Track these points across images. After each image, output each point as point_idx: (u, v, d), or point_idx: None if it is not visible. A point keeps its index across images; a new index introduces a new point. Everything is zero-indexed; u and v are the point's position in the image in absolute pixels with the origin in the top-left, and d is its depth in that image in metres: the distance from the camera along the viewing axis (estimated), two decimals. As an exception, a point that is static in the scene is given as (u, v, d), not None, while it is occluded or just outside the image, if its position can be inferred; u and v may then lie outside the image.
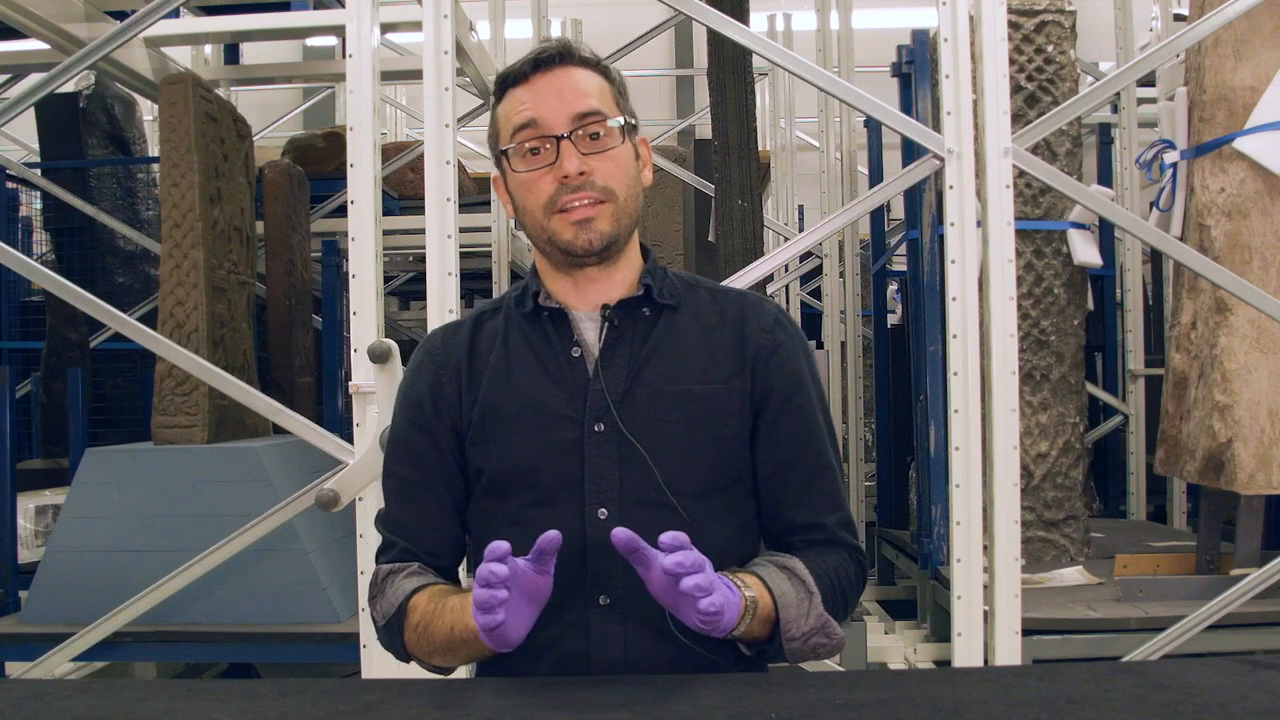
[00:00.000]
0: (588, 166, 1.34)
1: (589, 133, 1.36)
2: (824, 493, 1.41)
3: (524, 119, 1.36)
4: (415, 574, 1.39)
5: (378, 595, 1.40)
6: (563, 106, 1.35)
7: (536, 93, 1.37)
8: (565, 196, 1.35)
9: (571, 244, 1.36)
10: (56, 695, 1.25)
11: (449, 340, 1.46)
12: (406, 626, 1.35)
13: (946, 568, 2.73)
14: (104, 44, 2.80)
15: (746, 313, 1.43)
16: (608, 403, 1.34)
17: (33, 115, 4.80)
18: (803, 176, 7.61)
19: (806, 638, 1.30)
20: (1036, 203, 3.85)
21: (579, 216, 1.35)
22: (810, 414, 1.42)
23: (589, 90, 1.37)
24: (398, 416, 1.47)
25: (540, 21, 5.07)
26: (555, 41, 1.39)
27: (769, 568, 1.32)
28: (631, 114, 1.42)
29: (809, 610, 1.29)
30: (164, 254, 3.51)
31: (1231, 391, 3.10)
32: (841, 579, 1.37)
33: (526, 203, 1.38)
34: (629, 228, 1.40)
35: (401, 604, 1.36)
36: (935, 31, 2.74)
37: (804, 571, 1.32)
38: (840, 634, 1.33)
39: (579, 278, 1.41)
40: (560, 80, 1.37)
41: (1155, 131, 3.73)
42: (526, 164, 1.37)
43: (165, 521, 3.19)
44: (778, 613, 1.28)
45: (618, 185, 1.37)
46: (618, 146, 1.37)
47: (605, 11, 8.67)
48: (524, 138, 1.36)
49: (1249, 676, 1.23)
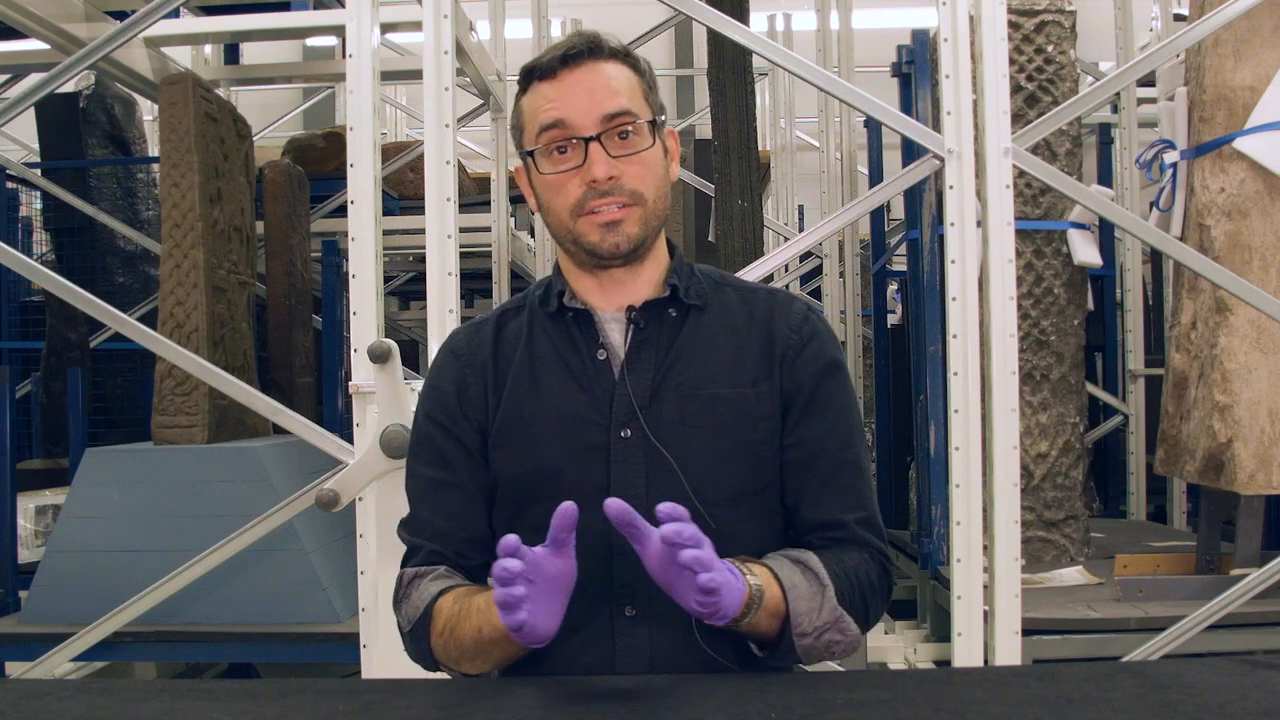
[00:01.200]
0: (617, 170, 1.31)
1: (618, 133, 1.32)
2: (847, 490, 1.36)
3: (551, 118, 1.32)
4: (442, 577, 1.35)
5: (402, 600, 1.36)
6: (592, 106, 1.31)
7: (564, 90, 1.32)
8: (593, 200, 1.31)
9: (598, 246, 1.33)
10: (56, 695, 1.25)
11: (472, 339, 1.42)
12: (432, 632, 1.31)
13: (946, 568, 2.73)
14: (104, 44, 2.80)
15: (774, 311, 1.40)
16: (634, 408, 1.32)
17: (33, 115, 4.80)
18: (803, 176, 7.61)
19: (819, 633, 1.26)
20: (1036, 203, 3.85)
21: (607, 219, 1.32)
22: (836, 411, 1.38)
23: (619, 88, 1.33)
24: (420, 416, 1.43)
25: (540, 21, 5.07)
26: (584, 35, 1.35)
27: (780, 560, 1.29)
28: (660, 107, 1.38)
29: (821, 604, 1.25)
30: (164, 254, 3.50)
31: (1231, 391, 3.10)
32: (861, 579, 1.32)
33: (553, 203, 1.35)
34: (657, 229, 1.37)
35: (427, 608, 1.31)
36: (935, 31, 2.74)
37: (817, 564, 1.28)
38: (856, 631, 1.29)
39: (604, 279, 1.38)
40: (589, 77, 1.33)
41: (1155, 131, 3.72)
42: (553, 164, 1.33)
43: (165, 521, 3.18)
44: (788, 605, 1.24)
45: (646, 188, 1.34)
46: (647, 148, 1.34)
47: (605, 11, 8.65)
48: (551, 138, 1.32)
49: (1249, 676, 1.23)
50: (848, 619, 1.28)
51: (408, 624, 1.34)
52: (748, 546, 1.32)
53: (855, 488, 1.37)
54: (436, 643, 1.31)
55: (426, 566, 1.37)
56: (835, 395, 1.38)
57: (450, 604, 1.30)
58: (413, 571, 1.37)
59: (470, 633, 1.26)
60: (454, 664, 1.32)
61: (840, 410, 1.39)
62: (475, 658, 1.29)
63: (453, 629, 1.28)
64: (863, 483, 1.39)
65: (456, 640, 1.28)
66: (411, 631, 1.34)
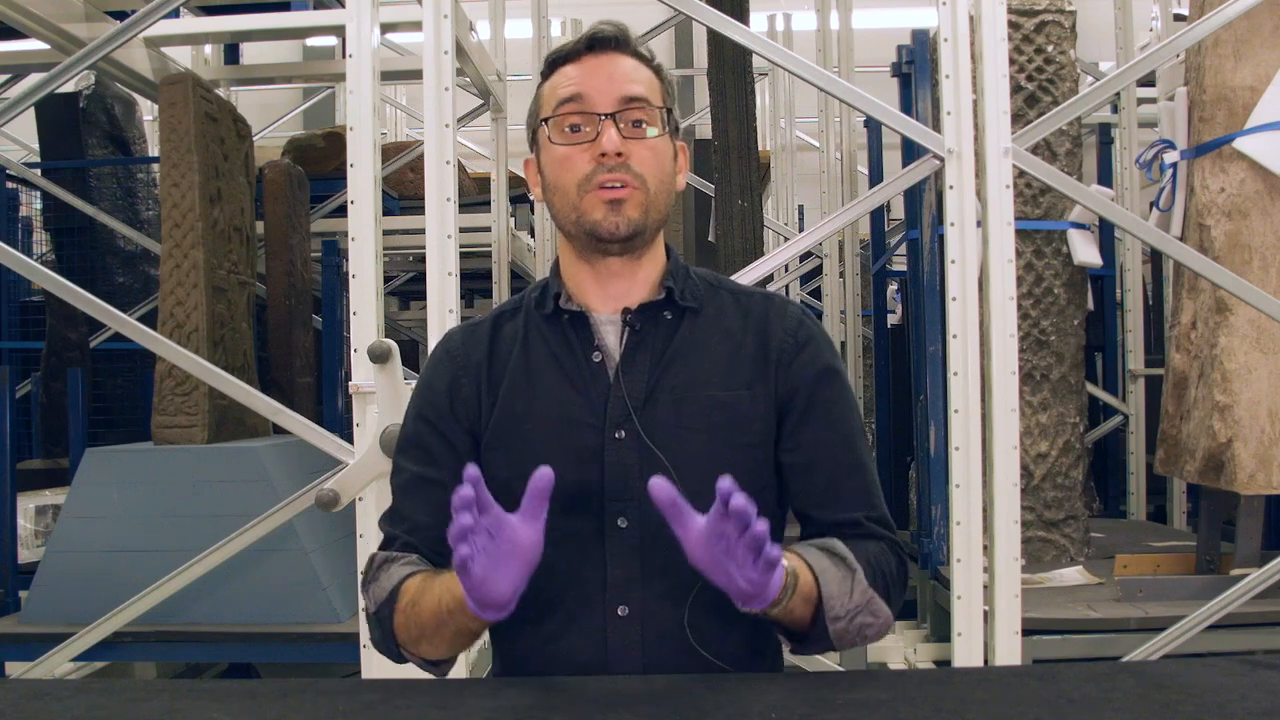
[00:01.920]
0: (626, 150, 1.32)
1: (632, 119, 1.34)
2: (855, 491, 1.37)
3: (570, 93, 1.34)
4: (412, 563, 1.35)
5: (370, 582, 1.35)
6: (611, 87, 1.34)
7: (586, 70, 1.35)
8: (601, 175, 1.32)
9: (599, 224, 1.33)
10: (56, 695, 1.25)
11: (468, 340, 1.43)
12: (396, 610, 1.29)
13: (946, 568, 2.73)
14: (104, 44, 2.80)
15: (770, 315, 1.40)
16: (628, 410, 1.32)
17: (33, 115, 4.80)
18: (803, 176, 7.61)
19: (852, 615, 1.25)
20: (1036, 203, 3.85)
21: (612, 196, 1.32)
22: (836, 414, 1.38)
23: (639, 79, 1.36)
24: (411, 413, 1.43)
25: (540, 21, 5.07)
26: (614, 25, 1.37)
27: (806, 547, 1.28)
28: (677, 117, 1.40)
29: (852, 586, 1.25)
30: (164, 254, 3.50)
31: (1231, 391, 3.10)
32: (882, 565, 1.32)
33: (560, 179, 1.35)
34: (656, 223, 1.37)
35: (393, 589, 1.30)
36: (935, 31, 2.74)
37: (843, 549, 1.28)
38: (888, 612, 1.29)
39: (601, 270, 1.38)
40: (612, 64, 1.36)
41: (1155, 131, 3.72)
42: (565, 138, 1.35)
43: (165, 521, 3.18)
44: (820, 589, 1.23)
45: (651, 176, 1.34)
46: (659, 137, 1.36)
47: (605, 11, 8.62)
48: (567, 110, 1.34)
49: (1249, 676, 1.23)
50: (879, 600, 1.28)
51: (374, 605, 1.33)
52: None
53: (862, 488, 1.38)
54: (399, 620, 1.29)
55: (398, 553, 1.36)
56: (833, 398, 1.39)
57: (416, 583, 1.29)
58: (384, 555, 1.37)
59: (431, 605, 1.24)
60: (413, 645, 1.30)
61: (840, 412, 1.39)
62: (435, 634, 1.26)
63: (414, 603, 1.27)
64: (869, 482, 1.39)
65: (417, 615, 1.26)
66: (377, 613, 1.32)
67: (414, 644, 1.30)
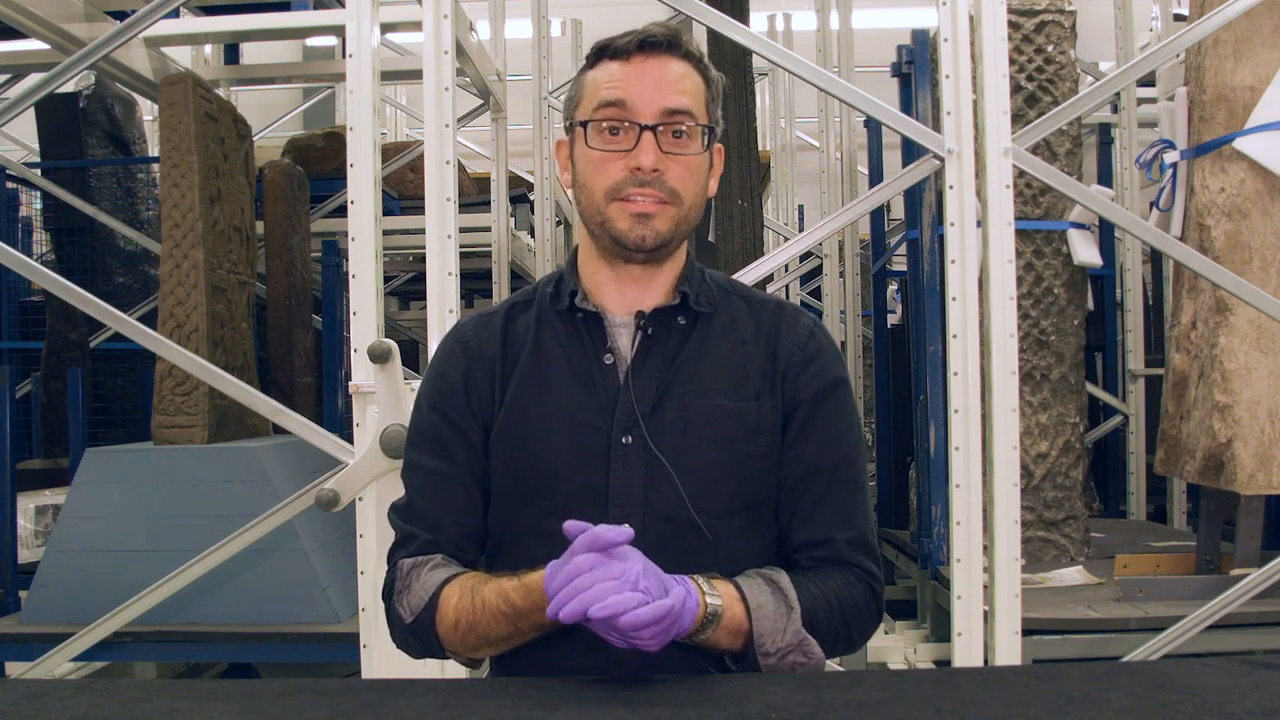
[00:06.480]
0: (662, 165, 1.31)
1: (673, 130, 1.32)
2: (838, 508, 1.35)
3: (614, 96, 1.32)
4: (440, 565, 1.34)
5: (402, 591, 1.34)
6: (656, 96, 1.32)
7: (633, 73, 1.33)
8: (631, 189, 1.31)
9: (625, 235, 1.32)
10: (56, 695, 1.25)
11: (481, 331, 1.41)
12: (439, 620, 1.30)
13: (946, 568, 2.73)
14: (104, 44, 2.80)
15: (781, 326, 1.40)
16: (636, 414, 1.31)
17: (33, 115, 4.80)
18: (803, 176, 7.61)
19: (782, 654, 1.25)
20: (1036, 203, 3.85)
21: (640, 209, 1.31)
22: (834, 430, 1.37)
23: (686, 88, 1.34)
24: (423, 405, 1.42)
25: (540, 22, 5.07)
26: (667, 28, 1.35)
27: (752, 578, 1.28)
28: (719, 120, 1.38)
29: (786, 626, 1.25)
30: (164, 254, 3.50)
31: (1231, 391, 3.10)
32: (843, 599, 1.31)
33: (590, 181, 1.34)
34: (684, 235, 1.37)
35: (432, 597, 1.30)
36: (935, 31, 2.74)
37: (788, 584, 1.28)
38: (820, 655, 1.29)
39: (621, 274, 1.37)
40: (661, 69, 1.33)
41: (1155, 131, 3.73)
42: (602, 142, 1.33)
43: (165, 521, 3.18)
44: (752, 625, 1.24)
45: (686, 191, 1.34)
46: (697, 153, 1.34)
47: (605, 11, 8.64)
48: (608, 115, 1.32)
49: (1249, 676, 1.23)
50: (811, 642, 1.27)
51: (410, 615, 1.33)
52: (748, 558, 1.32)
53: (848, 507, 1.36)
54: (449, 635, 1.30)
55: (424, 556, 1.35)
56: (834, 414, 1.38)
57: (457, 594, 1.29)
58: (410, 561, 1.36)
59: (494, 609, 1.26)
60: (470, 651, 1.32)
61: (839, 429, 1.38)
62: (503, 643, 1.29)
63: (471, 624, 1.28)
64: (857, 502, 1.38)
65: (478, 631, 1.28)
66: (415, 622, 1.32)
67: (471, 651, 1.32)
